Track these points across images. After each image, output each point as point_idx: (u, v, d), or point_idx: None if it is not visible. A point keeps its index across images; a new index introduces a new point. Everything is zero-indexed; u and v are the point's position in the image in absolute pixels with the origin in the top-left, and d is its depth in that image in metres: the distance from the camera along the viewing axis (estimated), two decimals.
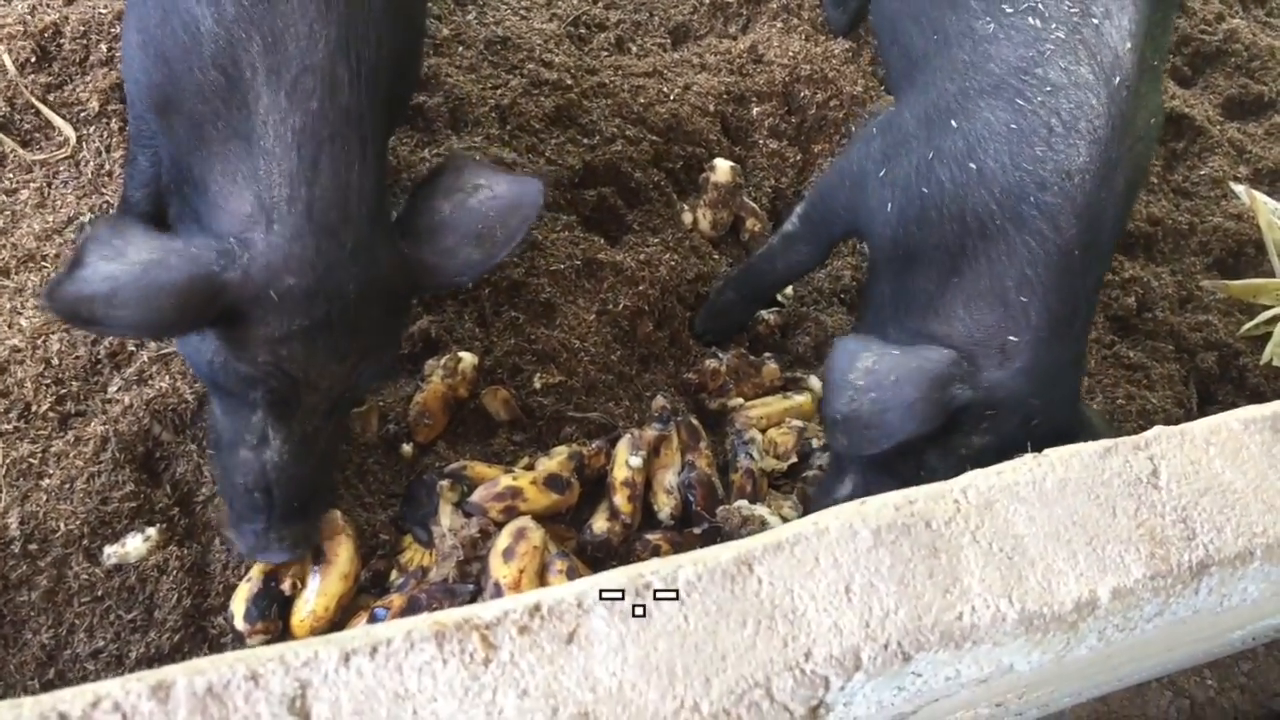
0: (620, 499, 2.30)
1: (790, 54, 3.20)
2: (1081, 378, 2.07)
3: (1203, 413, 2.93)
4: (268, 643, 2.05)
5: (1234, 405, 2.95)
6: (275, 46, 1.68)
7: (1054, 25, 1.98)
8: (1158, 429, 1.53)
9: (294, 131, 1.68)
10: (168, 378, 2.25)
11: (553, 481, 2.24)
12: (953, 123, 2.06)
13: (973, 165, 2.00)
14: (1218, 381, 3.01)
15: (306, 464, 1.86)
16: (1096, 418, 2.14)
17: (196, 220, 1.79)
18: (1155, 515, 1.42)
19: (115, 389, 2.23)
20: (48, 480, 2.10)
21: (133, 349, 2.27)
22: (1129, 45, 1.94)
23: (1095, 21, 1.96)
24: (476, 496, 2.18)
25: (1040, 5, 2.01)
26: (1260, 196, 3.21)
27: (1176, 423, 2.80)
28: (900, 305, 2.13)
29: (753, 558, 1.23)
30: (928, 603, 1.27)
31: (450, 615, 1.11)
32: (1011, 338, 1.93)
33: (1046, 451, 1.46)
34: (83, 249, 1.60)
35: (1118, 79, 1.92)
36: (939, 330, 2.01)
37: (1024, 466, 1.41)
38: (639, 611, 1.14)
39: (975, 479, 1.39)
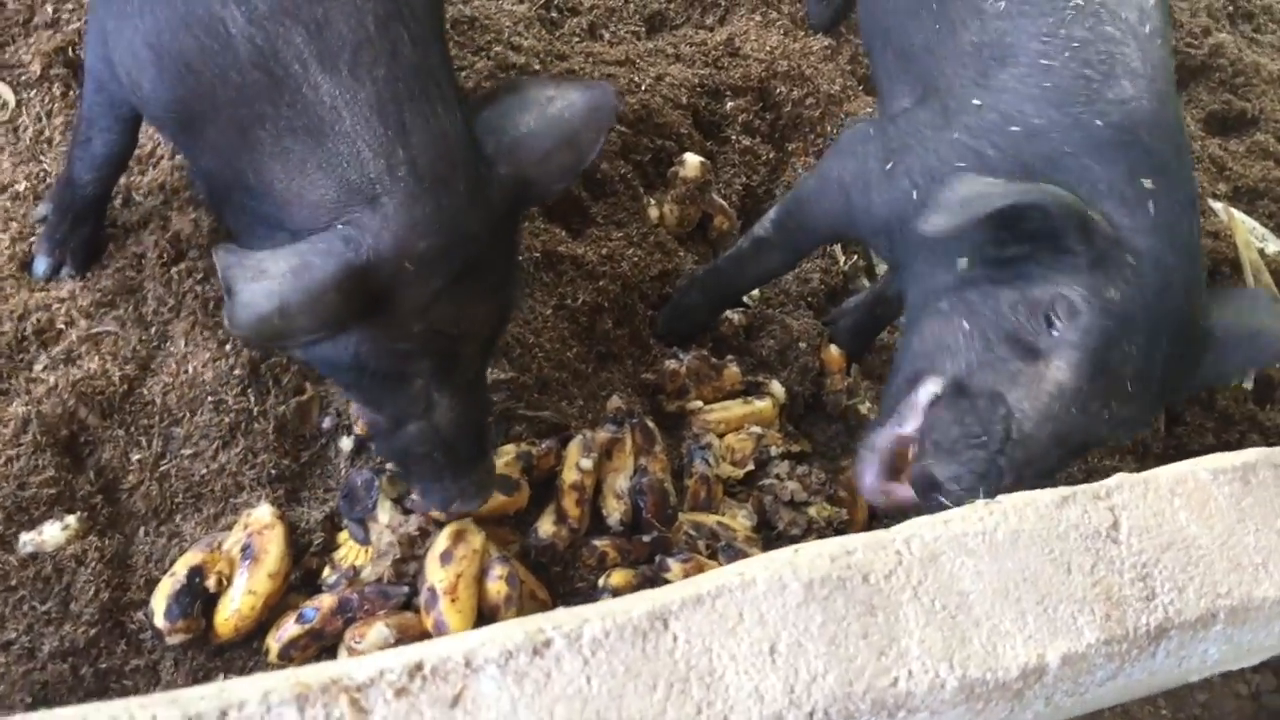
0: (568, 502, 2.23)
1: (768, 48, 3.13)
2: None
3: (1169, 434, 2.89)
4: (188, 642, 1.97)
5: (1201, 426, 2.92)
6: (321, 33, 1.63)
7: None
8: (1120, 476, 1.44)
9: (369, 106, 1.64)
10: (97, 359, 2.15)
11: (499, 482, 2.16)
12: (974, 101, 2.02)
13: (1016, 129, 1.96)
14: (1185, 401, 2.95)
15: (477, 410, 1.89)
16: None
17: (267, 224, 1.73)
18: (1113, 573, 1.33)
19: (41, 368, 2.13)
20: None
21: (61, 327, 2.17)
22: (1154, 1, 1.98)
23: None
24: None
25: None
26: (1238, 215, 3.17)
27: (1143, 444, 2.79)
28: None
29: (669, 612, 1.14)
30: (860, 666, 1.17)
31: (316, 674, 1.00)
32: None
33: (1000, 499, 1.37)
34: (229, 279, 1.56)
35: (1148, 28, 1.94)
36: None
37: (974, 515, 1.32)
38: (535, 673, 1.04)
39: (920, 528, 1.30)
